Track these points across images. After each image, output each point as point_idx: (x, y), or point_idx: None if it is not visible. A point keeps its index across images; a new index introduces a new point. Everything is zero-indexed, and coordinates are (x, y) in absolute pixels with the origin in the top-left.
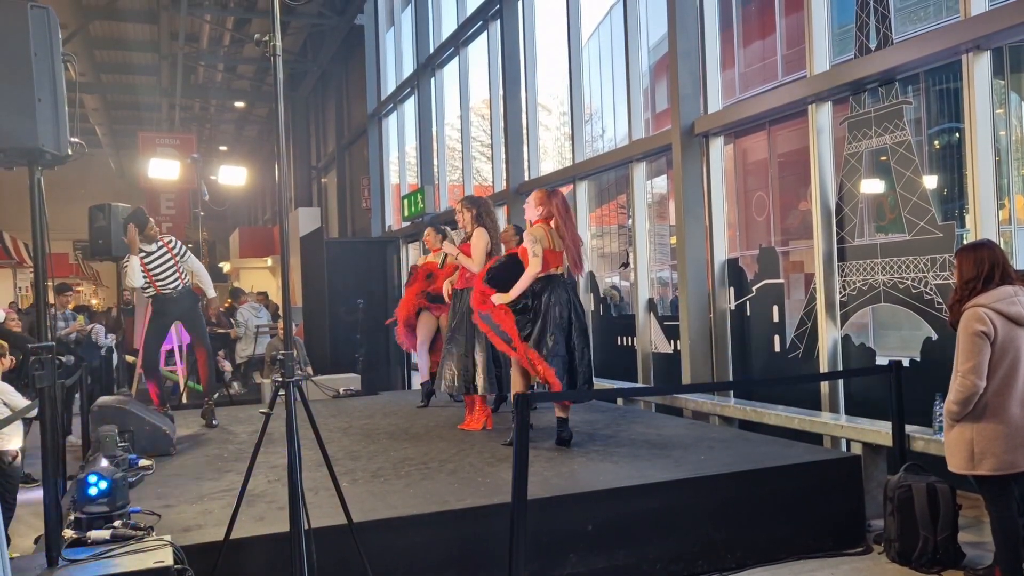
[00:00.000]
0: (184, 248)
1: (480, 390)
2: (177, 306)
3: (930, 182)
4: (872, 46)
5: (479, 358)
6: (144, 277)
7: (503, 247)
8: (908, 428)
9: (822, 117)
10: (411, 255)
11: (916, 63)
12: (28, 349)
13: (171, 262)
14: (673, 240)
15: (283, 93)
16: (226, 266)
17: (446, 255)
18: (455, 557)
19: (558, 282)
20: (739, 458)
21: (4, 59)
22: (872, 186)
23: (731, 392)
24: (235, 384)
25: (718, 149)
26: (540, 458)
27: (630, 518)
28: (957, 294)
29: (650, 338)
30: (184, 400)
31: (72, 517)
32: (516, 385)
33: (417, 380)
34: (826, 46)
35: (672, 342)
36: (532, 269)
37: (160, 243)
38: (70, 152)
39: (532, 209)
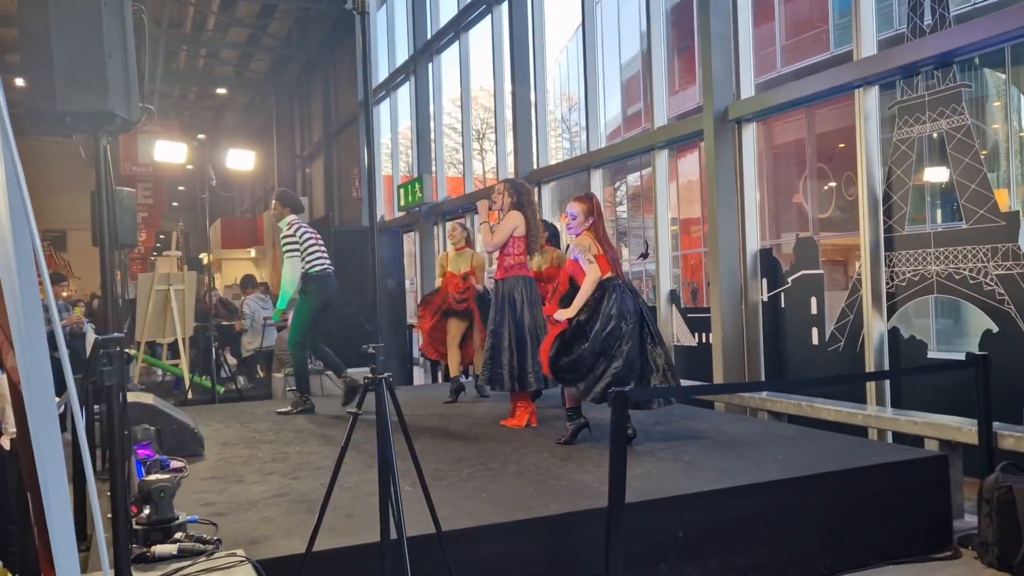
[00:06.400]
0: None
1: (531, 385)
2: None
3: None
4: (925, 26)
5: (526, 351)
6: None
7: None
8: (996, 425)
9: (870, 102)
10: (408, 246)
11: (979, 44)
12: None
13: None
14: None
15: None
16: (206, 257)
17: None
18: (544, 569)
19: (616, 286)
20: (820, 458)
21: (71, 8)
22: (925, 173)
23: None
24: (240, 379)
25: (751, 136)
26: (607, 457)
27: (721, 524)
28: None
29: (672, 331)
30: (190, 396)
31: None
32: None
33: (417, 376)
34: (873, 28)
35: (696, 335)
36: (592, 275)
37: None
38: (142, 117)
39: (582, 221)
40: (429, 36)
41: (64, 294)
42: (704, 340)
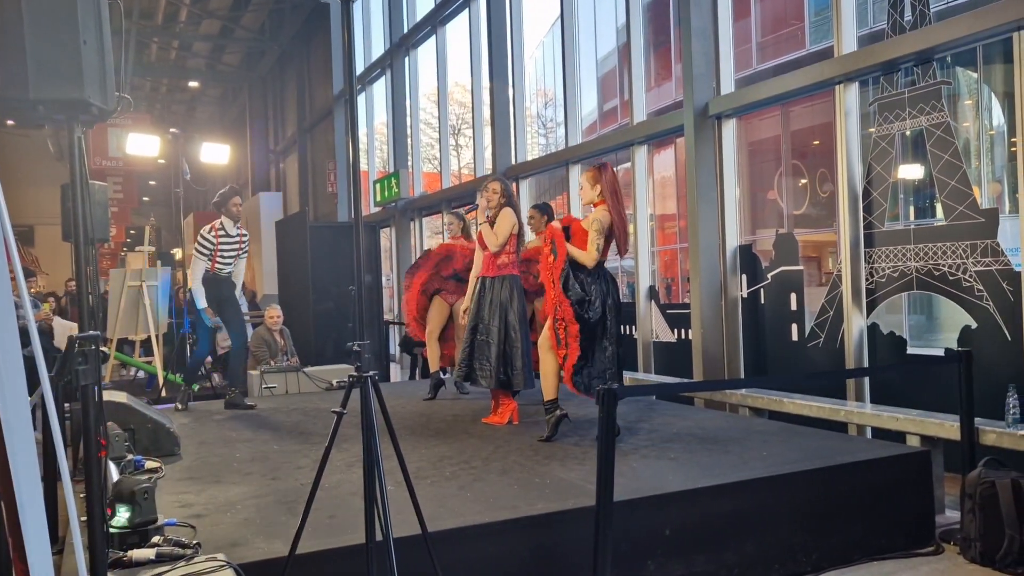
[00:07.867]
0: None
1: (519, 385)
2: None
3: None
4: (905, 22)
5: (515, 350)
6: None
7: (529, 230)
8: (977, 421)
9: (850, 98)
10: (384, 242)
11: (960, 41)
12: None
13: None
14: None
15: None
16: (179, 253)
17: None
18: (532, 568)
19: (601, 275)
20: (804, 454)
21: None
22: (905, 170)
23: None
24: (215, 376)
25: (731, 131)
26: (590, 455)
27: (709, 521)
28: None
29: (651, 327)
30: (163, 394)
31: None
32: (547, 373)
33: (395, 373)
34: (854, 24)
35: (675, 331)
36: (590, 259)
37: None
38: (118, 107)
39: (588, 191)
40: (406, 30)
41: (32, 290)
42: (683, 336)
